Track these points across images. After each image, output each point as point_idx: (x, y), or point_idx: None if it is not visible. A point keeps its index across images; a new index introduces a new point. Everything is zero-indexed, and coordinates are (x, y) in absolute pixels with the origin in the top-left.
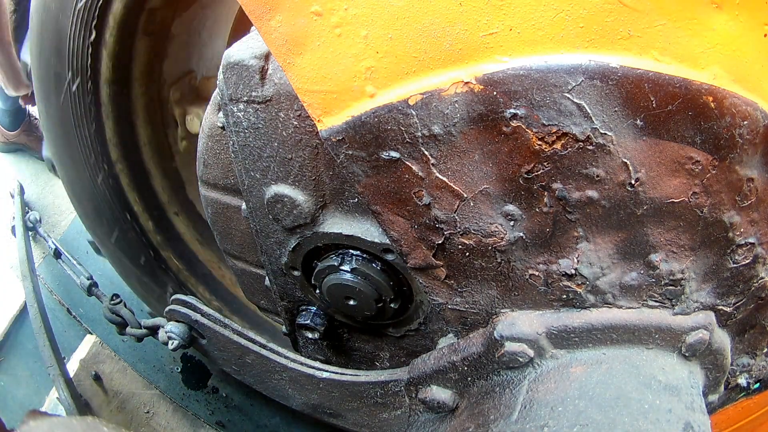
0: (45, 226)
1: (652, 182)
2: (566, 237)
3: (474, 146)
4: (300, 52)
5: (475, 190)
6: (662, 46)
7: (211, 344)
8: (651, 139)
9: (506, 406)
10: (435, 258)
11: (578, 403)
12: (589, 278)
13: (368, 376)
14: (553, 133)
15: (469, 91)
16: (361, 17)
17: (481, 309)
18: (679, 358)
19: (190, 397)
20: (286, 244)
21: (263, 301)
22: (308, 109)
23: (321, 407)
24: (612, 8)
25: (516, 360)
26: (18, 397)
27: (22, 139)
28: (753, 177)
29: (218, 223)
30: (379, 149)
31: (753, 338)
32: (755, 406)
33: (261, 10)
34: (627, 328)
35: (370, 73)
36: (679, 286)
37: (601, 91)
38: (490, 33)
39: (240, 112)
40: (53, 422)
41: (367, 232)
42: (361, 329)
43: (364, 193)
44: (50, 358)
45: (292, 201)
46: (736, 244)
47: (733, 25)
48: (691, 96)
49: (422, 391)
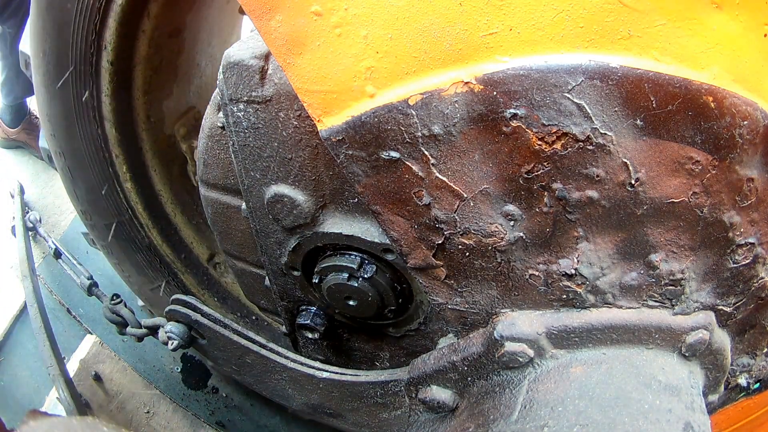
0: (45, 226)
1: (652, 182)
2: (566, 237)
3: (474, 146)
4: (300, 52)
5: (475, 190)
6: (662, 46)
7: (211, 344)
8: (651, 139)
9: (506, 406)
10: (435, 258)
11: (578, 403)
12: (589, 278)
13: (368, 376)
14: (553, 133)
15: (469, 91)
16: (361, 17)
17: (481, 309)
18: (679, 358)
19: (190, 397)
20: (286, 244)
21: (263, 301)
22: (308, 109)
23: (321, 407)
24: (612, 8)
25: (516, 360)
26: (18, 397)
27: (23, 136)
28: (753, 177)
29: (218, 223)
30: (379, 149)
31: (753, 338)
32: (755, 406)
33: (261, 10)
34: (627, 328)
35: (370, 73)
36: (679, 286)
37: (601, 91)
38: (490, 33)
39: (240, 112)
40: (53, 422)
41: (367, 232)
42: (361, 329)
43: (364, 193)
44: (50, 358)
45: (292, 201)
46: (736, 244)
47: (733, 25)
48: (691, 96)
49: (422, 391)
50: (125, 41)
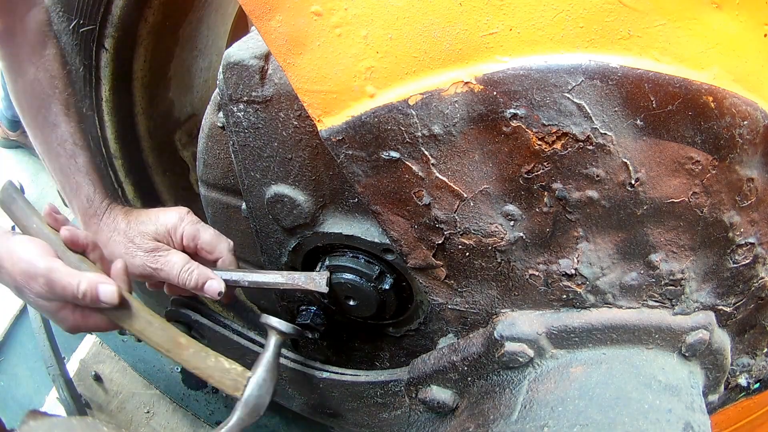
0: None
1: (652, 182)
2: (566, 237)
3: (474, 146)
4: (300, 52)
5: (475, 190)
6: (662, 46)
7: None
8: (651, 139)
9: (506, 406)
10: (435, 258)
11: (578, 403)
12: (589, 278)
13: (368, 376)
14: (553, 133)
15: (469, 91)
16: (361, 17)
17: (481, 309)
18: (679, 358)
19: (190, 397)
20: (286, 244)
21: (263, 301)
22: (308, 109)
23: (321, 407)
24: (612, 8)
25: (516, 360)
26: (18, 397)
27: (23, 137)
28: (753, 177)
29: (218, 223)
30: (379, 149)
31: (753, 338)
32: (755, 406)
33: (261, 10)
34: (627, 328)
35: (370, 73)
36: (679, 286)
37: (601, 91)
38: (490, 33)
39: (240, 112)
40: (53, 422)
41: (367, 232)
42: (361, 329)
43: (364, 193)
44: (50, 358)
45: (292, 201)
46: (736, 244)
47: (733, 25)
48: (691, 96)
49: (422, 391)
50: (124, 48)
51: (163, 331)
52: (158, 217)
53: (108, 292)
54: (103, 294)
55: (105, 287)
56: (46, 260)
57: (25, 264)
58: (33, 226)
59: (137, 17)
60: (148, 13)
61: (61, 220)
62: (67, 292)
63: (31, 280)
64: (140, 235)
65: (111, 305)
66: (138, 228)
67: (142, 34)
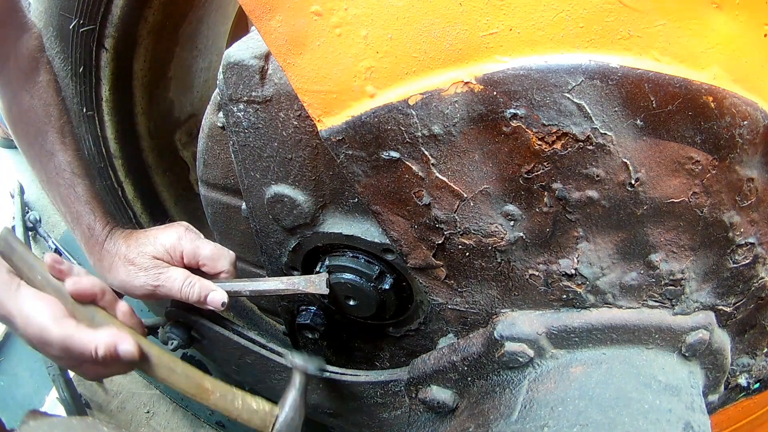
0: (45, 226)
1: (652, 182)
2: (566, 237)
3: (474, 146)
4: (300, 52)
5: (475, 190)
6: (662, 46)
7: (211, 344)
8: (651, 139)
9: (506, 406)
10: (435, 258)
11: (578, 403)
12: (589, 278)
13: (368, 376)
14: (553, 133)
15: (469, 91)
16: (361, 17)
17: (481, 309)
18: (679, 358)
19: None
20: (286, 244)
21: (263, 301)
22: (308, 109)
23: (321, 407)
24: (612, 8)
25: (516, 360)
26: (18, 397)
27: None
28: (753, 177)
29: (218, 223)
30: (379, 149)
31: (753, 338)
32: (755, 406)
33: (261, 10)
34: (627, 328)
35: (370, 73)
36: (679, 286)
37: (601, 91)
38: (490, 33)
39: (240, 112)
40: (53, 422)
41: (367, 232)
42: (361, 329)
43: (364, 193)
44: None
45: (292, 201)
46: (736, 244)
47: (733, 25)
48: (691, 96)
49: (422, 391)
50: (125, 49)
51: (187, 378)
52: (157, 238)
53: (128, 352)
54: (123, 354)
55: (124, 347)
56: (59, 326)
57: (38, 329)
58: (38, 278)
59: (137, 17)
60: (148, 13)
61: (66, 271)
62: (85, 357)
63: (46, 346)
64: (140, 256)
65: (132, 362)
66: (137, 249)
67: (142, 34)
